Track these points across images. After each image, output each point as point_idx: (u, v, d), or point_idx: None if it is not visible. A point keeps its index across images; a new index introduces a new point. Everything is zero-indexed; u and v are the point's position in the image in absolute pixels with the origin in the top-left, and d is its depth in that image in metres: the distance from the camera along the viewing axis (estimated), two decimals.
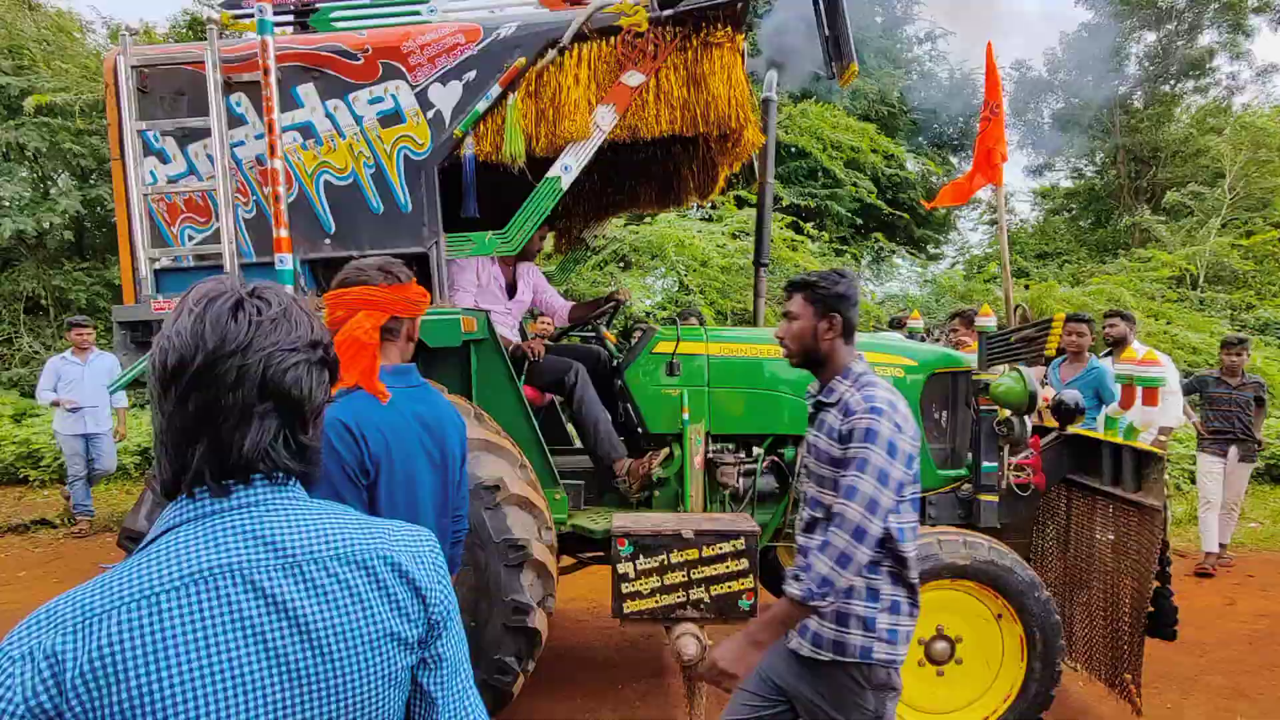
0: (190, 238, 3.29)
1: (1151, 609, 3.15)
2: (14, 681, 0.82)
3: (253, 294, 0.96)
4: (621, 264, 11.14)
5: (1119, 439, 3.35)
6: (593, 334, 4.39)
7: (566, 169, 3.24)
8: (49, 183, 11.64)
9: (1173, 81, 19.95)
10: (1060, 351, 5.74)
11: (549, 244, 5.39)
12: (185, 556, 0.89)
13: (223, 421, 0.91)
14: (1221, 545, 6.05)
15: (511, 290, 4.08)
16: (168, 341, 0.92)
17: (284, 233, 3.08)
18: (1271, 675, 4.15)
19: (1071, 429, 3.65)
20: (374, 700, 0.95)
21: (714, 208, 11.98)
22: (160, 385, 0.92)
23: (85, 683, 0.82)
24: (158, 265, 3.27)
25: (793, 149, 13.97)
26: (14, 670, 0.82)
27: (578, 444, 4.75)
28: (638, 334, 3.87)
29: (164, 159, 3.25)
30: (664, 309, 10.41)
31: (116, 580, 0.87)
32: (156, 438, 0.94)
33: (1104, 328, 5.85)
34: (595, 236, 5.40)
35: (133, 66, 3.15)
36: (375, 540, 0.99)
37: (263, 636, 0.88)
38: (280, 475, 0.96)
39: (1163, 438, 5.62)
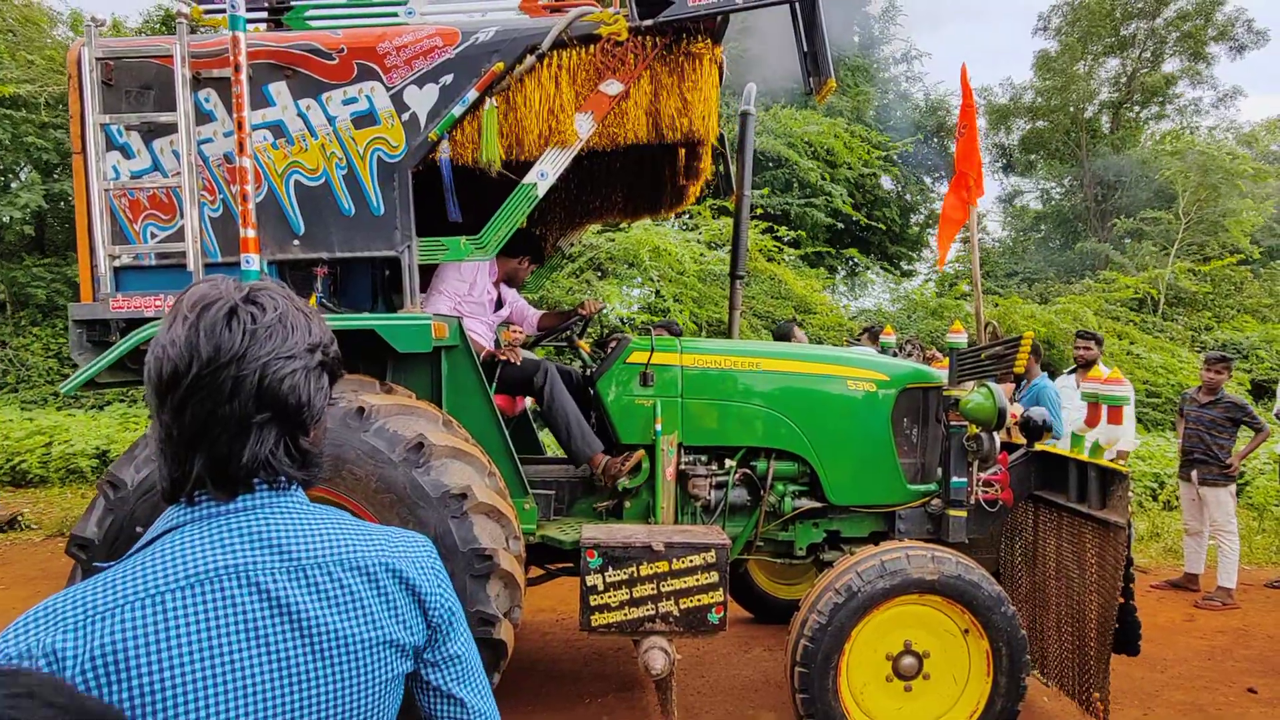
0: (153, 235, 3.20)
1: (1116, 624, 3.19)
2: None
3: (248, 299, 0.93)
4: (598, 272, 11.12)
5: (1085, 456, 3.40)
6: (565, 342, 4.37)
7: (543, 175, 3.22)
8: (10, 176, 11.33)
9: (1137, 108, 20.53)
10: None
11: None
12: (190, 557, 0.88)
13: (220, 432, 0.90)
14: (1189, 574, 5.98)
15: (497, 305, 4.09)
16: (162, 350, 0.90)
17: (251, 233, 3.01)
18: (1230, 690, 4.22)
19: (1039, 445, 3.69)
20: (370, 705, 0.96)
21: (691, 216, 12.04)
22: (156, 395, 0.91)
23: (85, 683, 0.81)
24: (118, 263, 3.17)
25: (770, 160, 14.10)
26: (17, 664, 0.80)
27: (549, 453, 4.71)
28: (612, 344, 3.85)
29: (128, 154, 3.16)
30: (639, 318, 10.40)
31: (119, 578, 0.86)
32: (155, 444, 0.94)
33: (1076, 350, 5.94)
34: (570, 244, 5.37)
35: (97, 58, 3.06)
36: (376, 547, 1.00)
37: (266, 639, 0.89)
38: (282, 481, 0.96)
39: (1121, 462, 5.67)
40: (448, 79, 3.15)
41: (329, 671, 0.91)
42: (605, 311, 9.81)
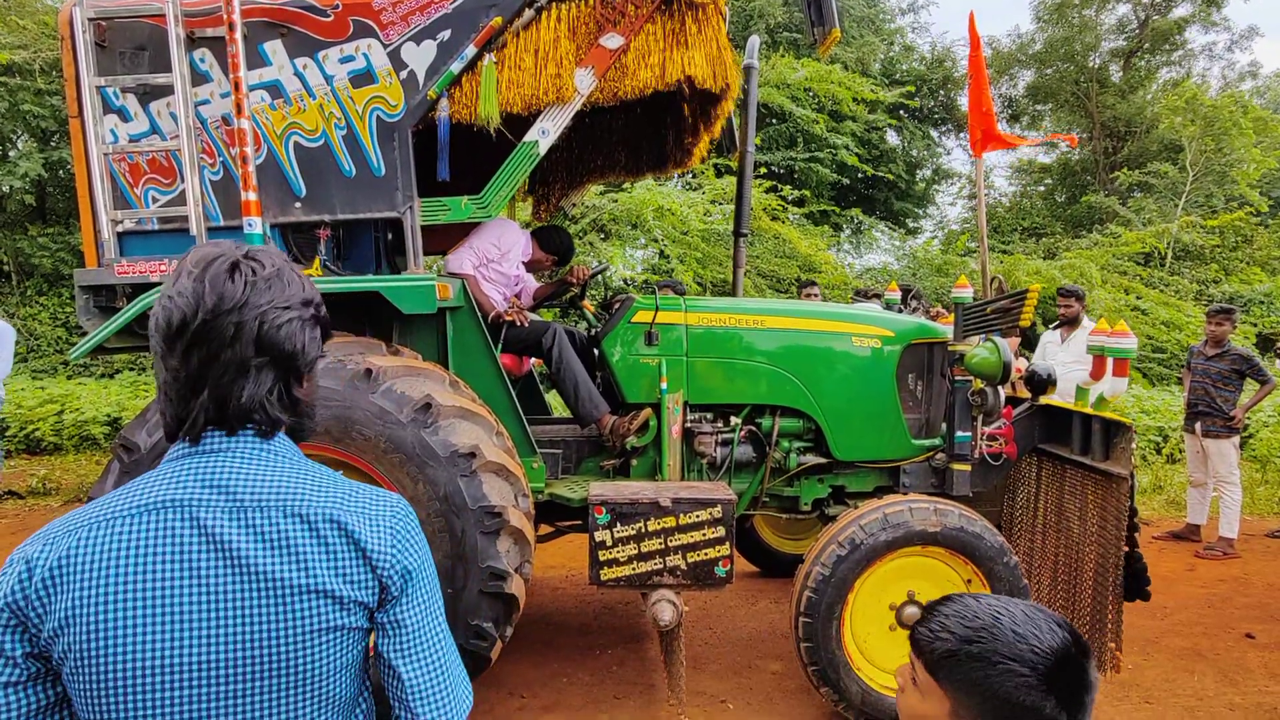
0: (154, 199, 3.18)
1: (1124, 572, 3.23)
2: (4, 579, 0.96)
3: (248, 256, 1.04)
4: (601, 233, 11.05)
5: (1089, 409, 3.41)
6: (570, 304, 4.36)
7: (544, 133, 3.18)
8: (8, 145, 11.24)
9: (1147, 56, 20.01)
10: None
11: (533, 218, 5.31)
12: (146, 489, 0.99)
13: (222, 375, 1.00)
14: (1191, 524, 6.04)
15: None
16: (170, 302, 1.00)
17: (252, 195, 2.99)
18: (1228, 636, 4.30)
19: (1043, 399, 3.70)
20: (298, 651, 0.98)
21: (694, 176, 11.90)
22: (164, 342, 1.00)
23: (44, 586, 0.94)
24: (121, 228, 3.16)
25: (773, 114, 13.84)
26: (8, 570, 0.97)
27: (556, 414, 4.74)
28: (616, 304, 3.85)
29: (125, 117, 3.13)
30: (643, 278, 10.36)
31: (96, 504, 1.00)
32: (160, 390, 1.03)
33: (1058, 308, 5.94)
34: (573, 205, 5.32)
35: (89, 19, 3.01)
36: (327, 498, 1.03)
37: (197, 568, 0.96)
38: (267, 428, 1.04)
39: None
40: (445, 35, 3.09)
41: (257, 609, 0.96)
42: (609, 272, 9.77)
